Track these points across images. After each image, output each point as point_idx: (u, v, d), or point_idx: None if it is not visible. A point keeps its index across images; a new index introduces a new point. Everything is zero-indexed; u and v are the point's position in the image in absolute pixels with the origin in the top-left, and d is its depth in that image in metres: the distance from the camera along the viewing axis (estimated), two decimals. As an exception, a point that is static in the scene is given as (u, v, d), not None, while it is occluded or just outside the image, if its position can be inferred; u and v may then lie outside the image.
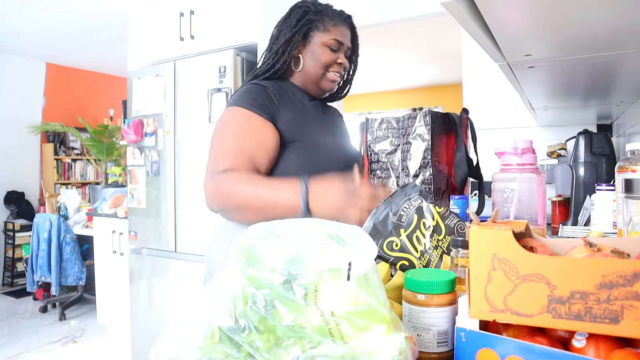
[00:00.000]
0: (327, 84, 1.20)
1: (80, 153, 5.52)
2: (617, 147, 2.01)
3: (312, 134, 1.14)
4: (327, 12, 1.19)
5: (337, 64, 1.19)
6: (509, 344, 0.51)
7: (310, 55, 1.18)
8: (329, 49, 1.17)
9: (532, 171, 1.03)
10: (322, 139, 1.16)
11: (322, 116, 1.25)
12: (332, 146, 1.17)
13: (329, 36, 1.17)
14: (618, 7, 0.66)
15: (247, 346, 0.50)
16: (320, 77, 1.19)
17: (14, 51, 4.81)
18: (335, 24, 1.18)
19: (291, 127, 1.11)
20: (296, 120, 1.12)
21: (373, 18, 2.90)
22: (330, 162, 1.12)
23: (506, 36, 0.81)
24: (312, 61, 1.17)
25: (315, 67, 1.17)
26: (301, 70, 1.19)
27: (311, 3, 1.20)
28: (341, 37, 1.19)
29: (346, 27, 1.21)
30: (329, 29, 1.17)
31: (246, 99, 1.09)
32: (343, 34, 1.20)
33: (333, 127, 1.29)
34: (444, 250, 0.86)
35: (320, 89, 1.21)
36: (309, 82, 1.20)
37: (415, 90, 7.31)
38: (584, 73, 1.14)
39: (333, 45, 1.17)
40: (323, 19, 1.17)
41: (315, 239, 0.52)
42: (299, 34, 1.16)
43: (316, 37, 1.17)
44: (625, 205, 0.79)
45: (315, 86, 1.20)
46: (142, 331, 2.65)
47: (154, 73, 2.58)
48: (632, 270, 0.46)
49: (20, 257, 4.74)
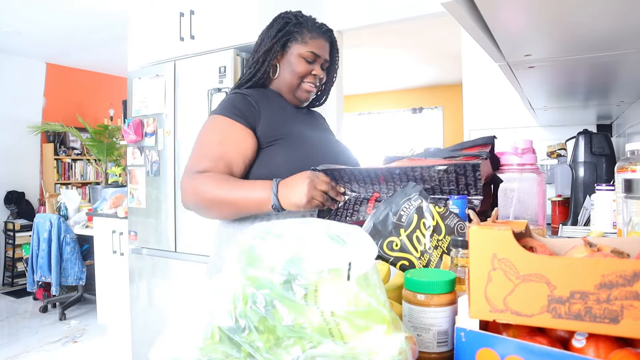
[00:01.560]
0: (302, 94, 1.25)
1: (81, 153, 5.52)
2: (617, 147, 2.01)
3: (296, 129, 1.18)
4: (307, 25, 1.23)
5: (311, 75, 1.23)
6: (509, 344, 0.51)
7: (287, 65, 1.23)
8: (305, 60, 1.22)
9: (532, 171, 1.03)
10: (307, 133, 1.20)
11: (304, 116, 1.29)
12: (317, 140, 1.20)
13: (305, 48, 1.21)
14: (618, 8, 0.66)
15: (247, 346, 0.50)
16: (295, 87, 1.23)
17: (14, 51, 4.81)
18: (314, 37, 1.22)
19: (274, 126, 1.16)
20: (278, 119, 1.17)
21: (373, 18, 2.91)
22: (319, 154, 1.15)
23: (506, 36, 0.81)
24: (288, 71, 1.22)
25: (291, 77, 1.22)
26: (277, 78, 1.25)
27: (293, 15, 1.24)
28: (318, 49, 1.23)
29: (325, 40, 1.25)
30: (307, 41, 1.22)
31: (227, 108, 1.15)
32: (320, 46, 1.23)
33: (316, 126, 1.32)
34: (444, 250, 0.86)
35: (296, 98, 1.26)
36: (285, 91, 1.25)
37: (415, 90, 7.31)
38: (584, 73, 1.14)
39: (309, 57, 1.22)
40: (302, 31, 1.22)
41: (315, 239, 0.52)
42: (278, 44, 1.21)
43: (293, 48, 1.22)
44: (625, 205, 0.79)
45: (291, 95, 1.25)
46: (142, 331, 2.65)
47: (154, 73, 2.58)
48: (632, 270, 0.46)
49: (21, 257, 4.74)
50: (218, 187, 1.05)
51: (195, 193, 1.07)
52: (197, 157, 1.11)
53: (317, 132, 1.26)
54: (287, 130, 1.16)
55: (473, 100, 2.75)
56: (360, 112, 7.77)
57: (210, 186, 1.05)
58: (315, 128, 1.28)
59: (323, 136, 1.26)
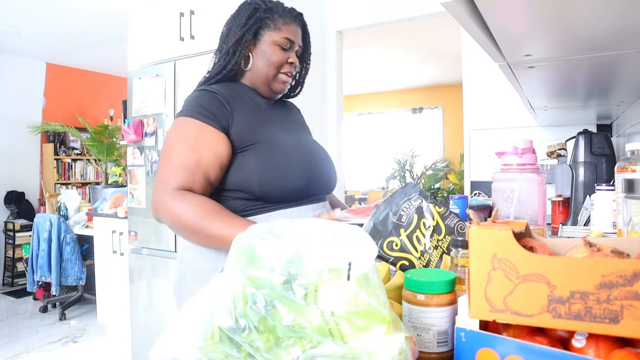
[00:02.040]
0: (278, 85, 1.17)
1: (81, 153, 5.52)
2: (617, 147, 2.01)
3: (269, 134, 1.11)
4: (278, 10, 1.15)
5: (288, 63, 1.16)
6: (509, 343, 0.51)
7: (261, 55, 1.14)
8: (280, 47, 1.14)
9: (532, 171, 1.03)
10: (281, 137, 1.13)
11: (278, 114, 1.22)
12: (291, 145, 1.14)
13: (279, 34, 1.14)
14: (618, 8, 0.66)
15: (247, 346, 0.50)
16: (271, 78, 1.16)
17: (14, 51, 4.81)
18: (286, 22, 1.15)
19: (247, 130, 1.09)
20: (252, 123, 1.10)
21: (373, 18, 2.91)
22: (292, 161, 1.10)
23: (506, 36, 0.81)
24: (263, 61, 1.14)
25: (266, 67, 1.14)
26: (251, 70, 1.16)
27: (261, 0, 1.16)
28: (292, 35, 1.16)
29: (297, 25, 1.18)
30: (280, 27, 1.14)
31: (197, 109, 1.07)
32: (294, 32, 1.16)
33: (291, 124, 1.25)
34: (444, 250, 0.86)
35: (271, 90, 1.18)
36: (259, 83, 1.17)
37: (415, 90, 7.31)
38: (584, 73, 1.14)
39: (284, 44, 1.14)
40: (274, 16, 1.14)
41: (315, 239, 0.52)
42: (249, 33, 1.13)
43: (266, 35, 1.14)
44: (625, 205, 0.79)
45: (266, 87, 1.17)
46: (142, 331, 2.65)
47: (154, 73, 2.58)
48: (632, 270, 0.46)
49: (21, 257, 4.74)
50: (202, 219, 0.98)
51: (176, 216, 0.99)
52: (171, 168, 1.02)
53: (292, 133, 1.19)
54: (260, 136, 1.09)
55: (473, 100, 2.75)
56: (360, 112, 7.77)
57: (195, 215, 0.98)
58: (290, 128, 1.22)
59: (298, 138, 1.20)
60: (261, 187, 1.05)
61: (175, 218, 1.00)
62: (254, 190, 1.05)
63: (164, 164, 1.05)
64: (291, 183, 1.08)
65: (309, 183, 1.12)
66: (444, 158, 6.94)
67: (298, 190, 1.10)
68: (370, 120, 7.73)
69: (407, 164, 6.98)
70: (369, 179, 7.57)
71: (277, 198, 1.08)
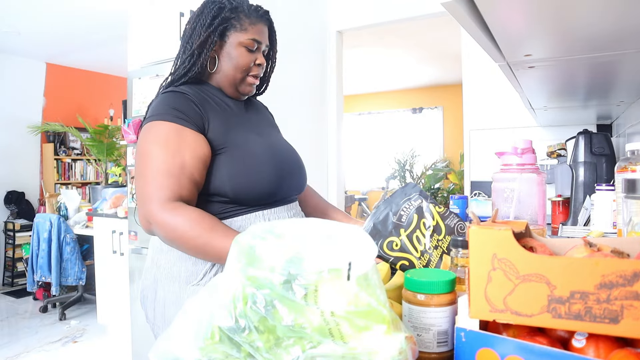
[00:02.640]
0: (245, 87, 1.15)
1: (81, 153, 5.52)
2: (617, 147, 2.01)
3: (240, 137, 1.09)
4: (243, 9, 1.11)
5: (255, 65, 1.13)
6: (509, 344, 0.51)
7: (227, 57, 1.11)
8: (246, 49, 1.10)
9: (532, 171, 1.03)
10: (252, 140, 1.11)
11: (247, 115, 1.19)
12: (262, 147, 1.11)
13: (245, 36, 1.10)
14: (618, 8, 0.66)
15: (247, 346, 0.50)
16: (238, 80, 1.13)
17: (14, 51, 4.81)
18: (253, 22, 1.11)
19: (219, 135, 1.05)
20: (222, 126, 1.07)
21: (373, 18, 2.91)
22: (264, 165, 1.08)
23: (506, 36, 0.81)
24: (229, 64, 1.11)
25: (233, 70, 1.11)
26: (217, 72, 1.13)
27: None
28: (259, 35, 1.11)
29: (264, 24, 1.14)
30: (246, 28, 1.10)
31: (170, 112, 1.01)
32: (260, 31, 1.12)
33: (260, 125, 1.22)
34: (444, 250, 0.86)
35: (239, 92, 1.15)
36: (226, 85, 1.14)
37: (415, 90, 7.31)
38: (584, 73, 1.14)
39: (250, 45, 1.10)
40: (239, 16, 1.09)
41: (315, 239, 0.52)
42: (214, 34, 1.08)
43: (232, 37, 1.09)
44: (625, 205, 0.79)
45: (233, 89, 1.14)
46: (142, 331, 2.65)
47: (154, 73, 2.58)
48: (632, 270, 0.46)
49: (21, 257, 4.74)
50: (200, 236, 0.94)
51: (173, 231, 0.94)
52: (155, 178, 0.97)
53: (262, 136, 1.16)
54: (232, 139, 1.06)
55: (473, 100, 2.75)
56: (360, 112, 7.77)
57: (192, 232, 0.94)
58: (260, 129, 1.19)
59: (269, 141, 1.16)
60: (234, 192, 1.03)
61: (172, 233, 0.95)
62: (228, 195, 1.03)
63: (145, 174, 0.98)
64: (264, 186, 1.07)
65: (282, 185, 1.11)
66: (444, 158, 6.94)
67: (271, 193, 1.09)
68: (370, 120, 7.73)
69: (407, 164, 6.98)
70: (369, 179, 7.57)
71: (251, 201, 1.07)
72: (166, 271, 1.07)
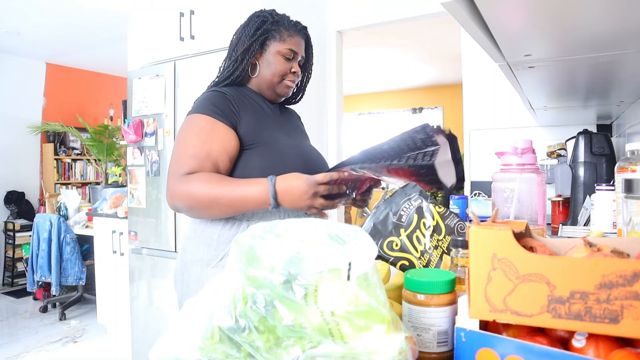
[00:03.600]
0: (282, 89, 1.27)
1: (81, 153, 5.52)
2: (617, 147, 2.01)
3: (271, 136, 1.20)
4: (284, 23, 1.25)
5: (291, 72, 1.26)
6: (509, 344, 0.51)
7: (266, 64, 1.24)
8: (284, 57, 1.24)
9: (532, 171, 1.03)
10: (281, 140, 1.22)
11: (280, 119, 1.31)
12: (290, 147, 1.23)
13: (284, 46, 1.23)
14: (618, 8, 0.66)
15: (247, 346, 0.50)
16: (275, 84, 1.25)
17: (14, 51, 4.81)
18: (291, 34, 1.25)
19: (251, 131, 1.17)
20: (255, 124, 1.19)
21: (373, 18, 2.91)
22: (289, 162, 1.17)
23: (506, 36, 0.81)
24: (268, 69, 1.24)
25: (271, 75, 1.24)
26: (257, 76, 1.26)
27: (269, 13, 1.26)
28: (295, 47, 1.25)
29: (301, 38, 1.28)
30: (285, 39, 1.24)
31: (208, 107, 1.15)
32: (297, 44, 1.26)
33: (291, 129, 1.34)
34: (444, 250, 0.86)
35: (276, 94, 1.28)
36: (265, 88, 1.26)
37: (415, 90, 7.31)
38: (584, 73, 1.14)
39: (287, 54, 1.24)
40: (280, 29, 1.24)
41: (315, 239, 0.52)
42: (256, 43, 1.22)
43: (272, 46, 1.23)
44: (625, 205, 0.79)
45: (271, 91, 1.27)
46: (142, 331, 2.65)
47: (154, 73, 2.58)
48: (632, 270, 0.46)
49: (21, 257, 4.74)
50: (213, 188, 1.06)
51: (188, 195, 1.06)
52: (182, 158, 1.10)
53: (291, 138, 1.28)
54: (263, 137, 1.18)
55: (473, 100, 2.75)
56: (360, 112, 7.77)
57: (204, 187, 1.06)
58: (290, 133, 1.30)
59: (297, 143, 1.29)
60: None
61: (187, 197, 1.07)
62: None
63: (175, 156, 1.12)
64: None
65: None
66: (444, 158, 6.93)
67: None
68: (370, 120, 7.73)
69: (407, 164, 6.96)
70: (369, 179, 7.56)
71: None
72: (191, 255, 1.20)
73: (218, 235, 1.17)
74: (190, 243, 1.22)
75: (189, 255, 1.21)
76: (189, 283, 1.20)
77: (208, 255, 1.16)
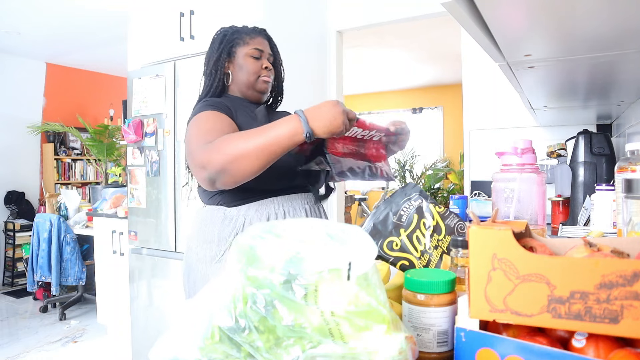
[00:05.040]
0: (261, 85, 1.34)
1: (81, 153, 5.52)
2: (617, 147, 2.01)
3: None
4: (244, 30, 1.35)
5: (263, 69, 1.33)
6: (508, 343, 0.51)
7: (239, 68, 1.32)
8: (252, 58, 1.32)
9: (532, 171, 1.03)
10: None
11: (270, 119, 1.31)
12: None
13: (249, 47, 1.32)
14: (618, 8, 0.66)
15: (247, 346, 0.50)
16: (253, 82, 1.33)
17: (14, 51, 4.80)
18: (252, 37, 1.34)
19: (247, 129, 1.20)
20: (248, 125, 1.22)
21: (373, 18, 2.91)
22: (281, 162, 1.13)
23: (506, 36, 0.81)
24: (241, 72, 1.32)
25: (247, 76, 1.32)
26: (234, 82, 1.34)
27: (228, 27, 1.36)
28: (260, 45, 1.34)
29: (263, 38, 1.36)
30: (248, 42, 1.33)
31: (209, 107, 1.21)
32: (261, 43, 1.35)
33: None
34: (444, 250, 0.86)
35: (257, 91, 1.34)
36: (245, 89, 1.34)
37: (415, 90, 7.31)
38: (584, 73, 1.14)
39: (255, 54, 1.32)
40: (241, 35, 1.33)
41: (315, 239, 0.52)
42: (224, 52, 1.32)
43: (239, 51, 1.32)
44: (625, 205, 0.79)
45: (252, 90, 1.34)
46: (142, 331, 2.65)
47: (154, 73, 2.58)
48: (632, 270, 0.46)
49: (21, 257, 4.74)
50: (243, 138, 1.03)
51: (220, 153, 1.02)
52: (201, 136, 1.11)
53: None
54: None
55: (473, 100, 2.75)
56: (360, 112, 7.77)
57: (235, 141, 1.03)
58: None
59: None
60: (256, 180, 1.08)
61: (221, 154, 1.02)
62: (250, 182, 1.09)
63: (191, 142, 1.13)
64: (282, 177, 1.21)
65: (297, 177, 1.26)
66: (444, 158, 6.94)
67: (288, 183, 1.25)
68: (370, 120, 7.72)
69: (407, 164, 6.98)
70: (369, 179, 7.56)
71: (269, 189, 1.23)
72: (196, 254, 1.24)
73: (218, 232, 1.21)
74: (194, 242, 1.26)
75: (193, 254, 1.25)
76: (195, 281, 1.24)
77: (211, 252, 1.21)
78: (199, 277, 1.23)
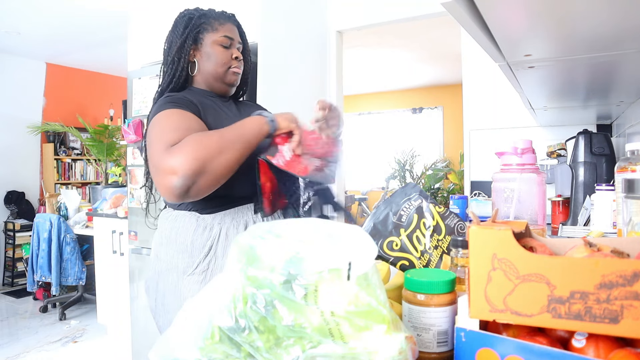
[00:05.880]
0: (230, 77, 1.21)
1: (81, 153, 5.52)
2: (617, 147, 2.01)
3: None
4: (212, 14, 1.21)
5: (233, 59, 1.21)
6: (508, 343, 0.51)
7: (206, 57, 1.19)
8: (221, 46, 1.19)
9: (532, 171, 1.03)
10: None
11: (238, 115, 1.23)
12: None
13: (218, 34, 1.18)
14: (618, 8, 0.66)
15: (247, 346, 0.50)
16: (222, 74, 1.20)
17: (14, 51, 4.80)
18: (222, 23, 1.20)
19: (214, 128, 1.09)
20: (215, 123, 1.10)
21: (373, 18, 2.91)
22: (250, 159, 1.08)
23: (506, 36, 0.81)
24: (209, 62, 1.19)
25: (215, 66, 1.18)
26: (200, 73, 1.20)
27: (194, 9, 1.22)
28: (230, 33, 1.20)
29: (232, 24, 1.23)
30: (217, 28, 1.19)
31: (171, 105, 1.06)
32: (230, 29, 1.21)
33: None
34: (444, 250, 0.86)
35: (225, 84, 1.22)
36: (212, 81, 1.21)
37: (415, 90, 7.31)
38: (584, 73, 1.14)
39: (224, 42, 1.19)
40: (209, 20, 1.19)
41: (315, 239, 0.52)
42: (189, 39, 1.17)
43: (207, 38, 1.18)
44: (625, 205, 0.79)
45: (220, 82, 1.21)
46: (142, 331, 2.65)
47: (154, 73, 2.58)
48: (631, 270, 0.46)
49: (21, 257, 4.74)
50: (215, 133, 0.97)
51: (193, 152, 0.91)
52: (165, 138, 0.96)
53: None
54: None
55: (473, 100, 2.75)
56: (360, 112, 7.77)
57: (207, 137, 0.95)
58: None
59: None
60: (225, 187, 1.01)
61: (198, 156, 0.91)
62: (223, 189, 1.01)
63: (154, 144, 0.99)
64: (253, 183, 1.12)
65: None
66: (444, 158, 6.94)
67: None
68: (370, 120, 7.73)
69: (407, 164, 6.98)
70: (369, 179, 7.57)
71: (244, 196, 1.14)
72: (166, 263, 1.13)
73: (192, 241, 1.10)
74: (163, 250, 1.15)
75: (163, 263, 1.14)
76: (164, 292, 1.13)
77: (183, 262, 1.10)
78: (170, 288, 1.11)
